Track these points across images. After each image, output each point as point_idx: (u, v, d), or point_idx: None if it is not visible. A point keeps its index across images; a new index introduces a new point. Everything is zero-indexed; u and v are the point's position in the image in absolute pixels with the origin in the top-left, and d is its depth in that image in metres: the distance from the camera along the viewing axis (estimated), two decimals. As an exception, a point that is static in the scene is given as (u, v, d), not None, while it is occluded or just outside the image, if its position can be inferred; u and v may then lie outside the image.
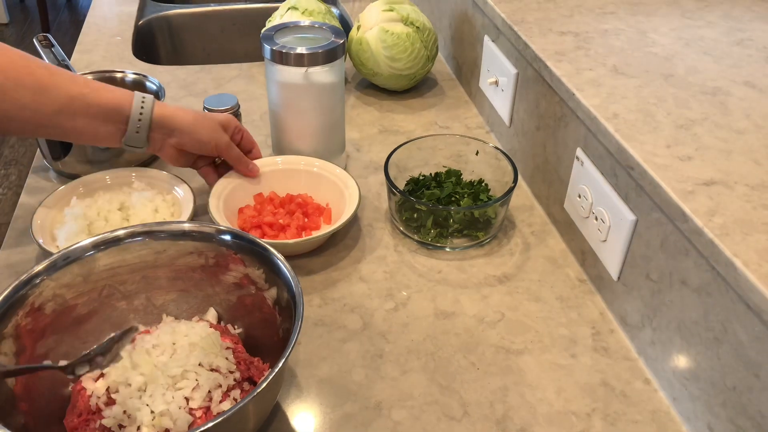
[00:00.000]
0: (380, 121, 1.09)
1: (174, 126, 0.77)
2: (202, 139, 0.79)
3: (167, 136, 0.78)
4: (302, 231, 0.82)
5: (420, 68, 1.12)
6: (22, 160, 2.69)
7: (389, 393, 0.66)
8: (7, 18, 3.77)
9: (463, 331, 0.72)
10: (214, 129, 0.80)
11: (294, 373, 0.67)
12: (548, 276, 0.80)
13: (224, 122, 0.82)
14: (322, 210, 0.85)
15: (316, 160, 0.88)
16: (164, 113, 0.76)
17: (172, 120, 0.77)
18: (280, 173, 0.88)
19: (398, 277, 0.79)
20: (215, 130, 0.80)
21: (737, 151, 0.66)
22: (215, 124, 0.80)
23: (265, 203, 0.85)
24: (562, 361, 0.69)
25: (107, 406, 0.58)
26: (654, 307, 0.66)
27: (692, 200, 0.59)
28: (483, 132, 1.07)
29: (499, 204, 0.82)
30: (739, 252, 0.53)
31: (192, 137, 0.78)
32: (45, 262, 0.61)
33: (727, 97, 0.75)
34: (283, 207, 0.84)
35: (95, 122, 0.73)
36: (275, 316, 0.64)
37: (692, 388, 0.61)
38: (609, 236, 0.73)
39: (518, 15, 0.94)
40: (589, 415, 0.64)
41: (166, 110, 0.76)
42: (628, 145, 0.67)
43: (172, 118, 0.77)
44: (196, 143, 0.79)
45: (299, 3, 1.16)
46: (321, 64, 0.85)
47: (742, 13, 0.95)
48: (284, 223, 0.82)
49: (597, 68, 0.80)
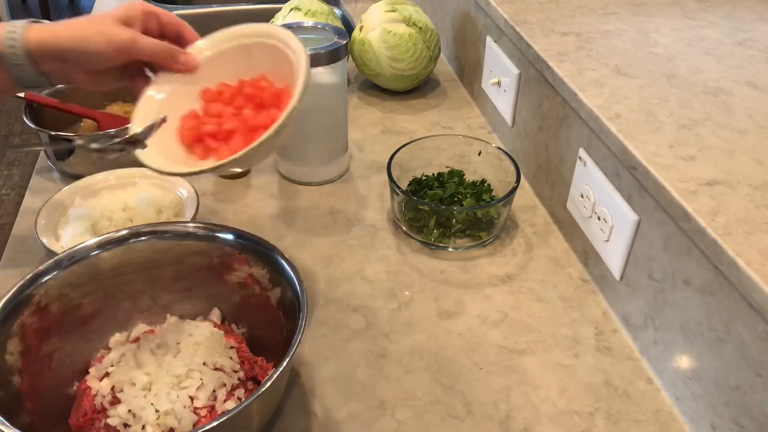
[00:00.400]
0: (383, 122, 1.09)
1: (58, 48, 0.62)
2: (94, 50, 0.62)
3: (60, 62, 0.63)
4: (254, 133, 0.62)
5: (422, 69, 1.12)
6: (24, 161, 2.70)
7: (393, 392, 0.66)
8: (8, 18, 3.78)
9: (466, 331, 0.73)
10: (106, 31, 0.62)
11: (298, 372, 0.68)
12: (551, 276, 0.80)
13: (124, 15, 0.64)
14: (282, 95, 0.64)
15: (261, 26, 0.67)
16: (42, 38, 0.61)
17: (53, 43, 0.61)
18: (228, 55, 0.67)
19: (401, 277, 0.79)
20: (109, 32, 0.62)
21: (740, 151, 0.66)
22: (109, 23, 0.63)
23: (213, 101, 0.66)
24: (565, 360, 0.69)
25: (112, 406, 0.59)
26: (657, 307, 0.67)
27: (695, 200, 0.59)
28: (485, 132, 1.07)
29: (502, 204, 0.82)
30: (741, 252, 0.54)
31: (81, 53, 0.62)
32: (50, 262, 0.61)
33: (729, 98, 0.75)
34: (233, 102, 0.65)
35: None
36: (279, 316, 0.64)
37: (695, 388, 0.62)
38: (612, 236, 0.73)
39: (521, 15, 0.94)
40: (592, 415, 0.64)
41: (45, 33, 0.61)
42: (630, 146, 0.67)
43: (54, 41, 0.61)
44: (90, 58, 0.62)
45: (302, 4, 1.17)
46: (324, 65, 0.85)
47: (744, 13, 0.95)
48: (230, 128, 0.63)
49: (599, 69, 0.81)
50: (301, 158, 0.93)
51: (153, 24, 0.66)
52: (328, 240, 0.85)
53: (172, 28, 0.67)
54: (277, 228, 0.87)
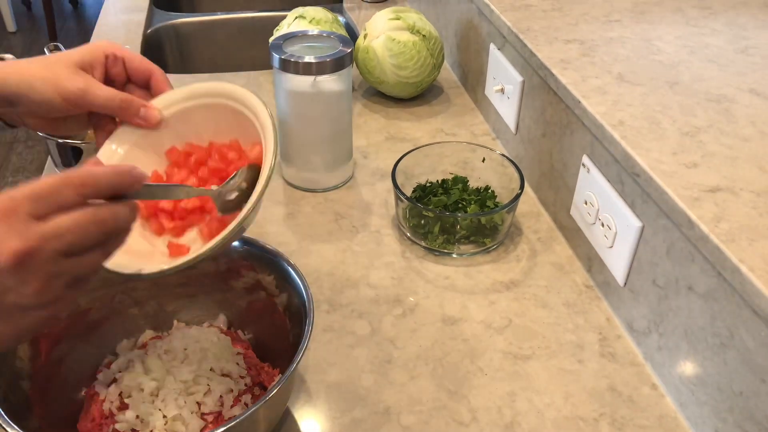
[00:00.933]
0: (387, 129, 1.10)
1: (9, 91, 0.55)
2: (40, 98, 0.55)
3: (9, 105, 0.57)
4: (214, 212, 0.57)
5: (426, 76, 1.13)
6: (29, 168, 2.71)
7: (398, 398, 0.66)
8: (14, 26, 3.80)
9: (470, 337, 0.73)
10: (56, 79, 0.55)
11: (303, 378, 0.68)
12: (555, 282, 0.80)
13: (82, 58, 0.57)
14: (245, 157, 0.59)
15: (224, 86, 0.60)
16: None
17: (4, 85, 0.55)
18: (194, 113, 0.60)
19: (406, 283, 0.80)
20: (58, 79, 0.55)
21: (743, 158, 0.66)
22: (62, 69, 0.56)
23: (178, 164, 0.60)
24: (570, 366, 0.70)
25: (120, 411, 0.59)
26: (660, 313, 0.67)
27: (698, 207, 0.60)
28: (489, 139, 1.08)
29: (506, 211, 0.83)
30: (745, 258, 0.54)
31: (27, 99, 0.55)
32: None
33: (732, 105, 0.75)
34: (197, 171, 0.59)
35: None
36: (285, 322, 0.65)
37: (699, 394, 0.62)
38: (615, 242, 0.73)
39: (524, 23, 0.95)
40: (596, 420, 0.64)
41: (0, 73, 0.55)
42: (634, 152, 0.67)
43: (4, 82, 0.55)
44: (37, 106, 0.56)
45: (307, 12, 1.17)
46: (329, 73, 0.86)
47: (746, 20, 0.96)
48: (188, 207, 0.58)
49: (603, 76, 0.81)
50: (306, 165, 0.93)
51: (118, 69, 0.59)
52: (333, 246, 0.85)
53: (140, 75, 0.59)
54: (282, 234, 0.87)
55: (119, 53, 0.58)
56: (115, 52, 0.58)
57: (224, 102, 0.59)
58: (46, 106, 0.56)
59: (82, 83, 0.56)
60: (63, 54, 0.57)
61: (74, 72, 0.56)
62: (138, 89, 0.60)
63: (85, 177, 0.43)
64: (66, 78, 0.55)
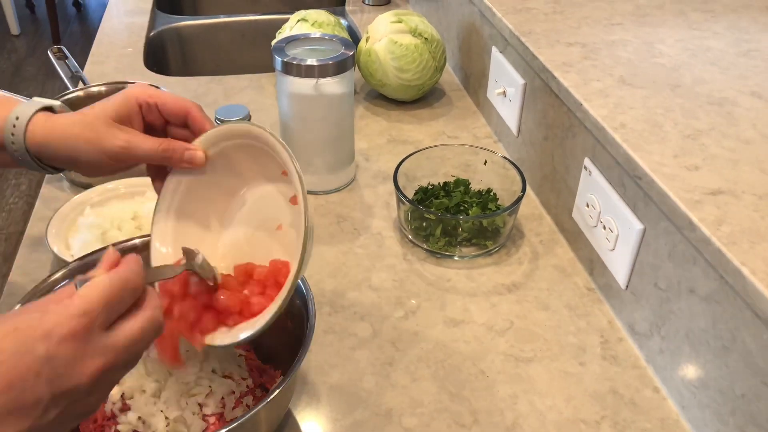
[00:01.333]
0: (389, 131, 1.10)
1: (60, 156, 0.56)
2: (87, 160, 0.56)
3: (62, 167, 0.59)
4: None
5: (428, 79, 1.13)
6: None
7: (399, 400, 0.66)
8: (18, 29, 3.81)
9: (472, 339, 0.73)
10: (98, 140, 0.55)
11: (305, 380, 0.68)
12: (557, 285, 0.80)
13: (118, 111, 0.57)
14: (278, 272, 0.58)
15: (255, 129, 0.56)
16: (39, 145, 0.56)
17: (50, 152, 0.56)
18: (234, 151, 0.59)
19: (407, 286, 0.80)
20: (101, 141, 0.55)
21: (744, 161, 0.66)
22: (101, 127, 0.55)
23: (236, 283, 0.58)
24: (571, 369, 0.70)
25: (122, 413, 0.59)
26: (662, 316, 0.67)
27: (700, 209, 0.60)
28: (491, 142, 1.08)
29: (508, 213, 0.83)
30: (746, 261, 0.54)
31: (81, 161, 0.56)
32: (62, 270, 0.62)
33: (733, 108, 0.75)
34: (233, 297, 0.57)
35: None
36: (287, 324, 0.65)
37: (701, 396, 0.62)
38: (617, 245, 0.73)
39: (526, 26, 0.95)
40: (598, 423, 0.64)
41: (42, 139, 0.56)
42: (635, 155, 0.67)
43: (50, 151, 0.56)
44: (88, 167, 0.57)
45: (309, 15, 1.18)
46: (331, 76, 0.86)
47: (748, 24, 0.96)
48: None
49: (604, 79, 0.81)
50: (308, 167, 0.93)
51: (153, 115, 0.58)
52: (334, 248, 0.85)
53: (176, 115, 0.58)
54: (284, 237, 0.87)
55: (152, 100, 0.57)
56: (147, 100, 0.57)
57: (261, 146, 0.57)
58: (94, 165, 0.57)
59: (123, 141, 0.55)
60: (99, 109, 0.56)
61: (114, 128, 0.56)
62: (178, 129, 0.59)
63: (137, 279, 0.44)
64: (108, 137, 0.55)
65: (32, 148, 0.56)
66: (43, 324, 0.39)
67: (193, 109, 0.58)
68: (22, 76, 3.38)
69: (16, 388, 0.38)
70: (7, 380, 0.38)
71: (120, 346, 0.42)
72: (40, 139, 0.56)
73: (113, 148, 0.55)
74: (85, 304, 0.40)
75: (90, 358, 0.40)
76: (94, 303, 0.41)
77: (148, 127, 0.58)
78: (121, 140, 0.55)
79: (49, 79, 3.33)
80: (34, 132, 0.55)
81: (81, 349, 0.40)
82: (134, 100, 0.57)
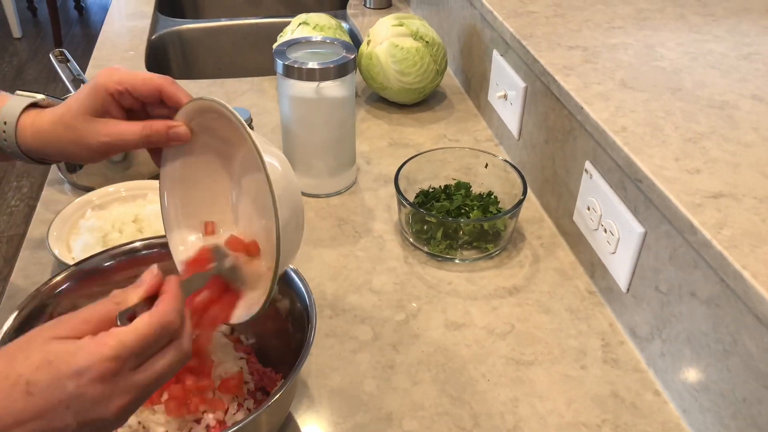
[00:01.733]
0: (390, 134, 1.10)
1: (44, 153, 0.58)
2: (79, 158, 0.57)
3: (51, 158, 0.60)
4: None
5: (429, 82, 1.13)
6: (33, 173, 2.72)
7: (400, 404, 0.66)
8: (19, 32, 3.82)
9: (473, 343, 0.73)
10: (82, 140, 0.56)
11: (306, 383, 0.68)
12: (558, 288, 0.80)
13: (93, 105, 0.56)
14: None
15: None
16: (29, 143, 0.57)
17: (38, 149, 0.58)
18: (215, 122, 0.57)
19: (408, 289, 0.80)
20: (84, 140, 0.56)
21: (745, 164, 0.66)
22: (80, 126, 0.56)
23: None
24: (572, 372, 0.70)
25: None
26: (663, 319, 0.67)
27: (701, 213, 0.60)
28: (492, 145, 1.08)
29: (509, 216, 0.83)
30: (747, 264, 0.54)
31: (71, 159, 0.59)
32: (63, 273, 0.62)
33: (734, 111, 0.75)
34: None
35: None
36: (288, 327, 0.65)
37: (702, 400, 0.62)
38: (618, 248, 0.73)
39: (527, 30, 0.95)
40: (599, 426, 0.64)
41: (33, 142, 0.57)
42: (636, 159, 0.67)
43: (38, 146, 0.57)
44: (80, 162, 0.61)
45: (310, 18, 1.18)
46: (332, 79, 0.86)
47: (748, 27, 0.96)
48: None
49: (605, 82, 0.81)
50: (309, 170, 0.94)
51: (128, 100, 0.56)
52: (335, 251, 0.85)
53: (150, 95, 0.57)
54: (285, 240, 0.87)
55: (121, 87, 0.55)
56: (117, 87, 0.55)
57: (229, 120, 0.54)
58: (86, 159, 0.58)
59: (105, 136, 0.56)
60: (75, 106, 0.56)
61: (94, 123, 0.56)
62: (157, 107, 0.58)
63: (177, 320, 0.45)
64: (90, 135, 0.55)
65: (24, 149, 0.58)
66: (76, 362, 0.40)
67: (164, 85, 0.56)
68: (23, 79, 3.38)
69: (47, 418, 0.40)
70: (39, 410, 0.40)
71: (148, 384, 0.43)
72: (30, 141, 0.57)
73: (97, 144, 0.56)
74: (119, 348, 0.41)
75: (118, 396, 0.42)
76: (128, 348, 0.42)
77: (128, 111, 0.58)
78: (103, 135, 0.55)
79: (50, 83, 3.33)
80: (23, 134, 0.57)
81: (109, 389, 0.41)
82: (104, 91, 0.55)
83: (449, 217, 0.86)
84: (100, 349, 0.41)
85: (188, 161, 0.59)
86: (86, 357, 0.40)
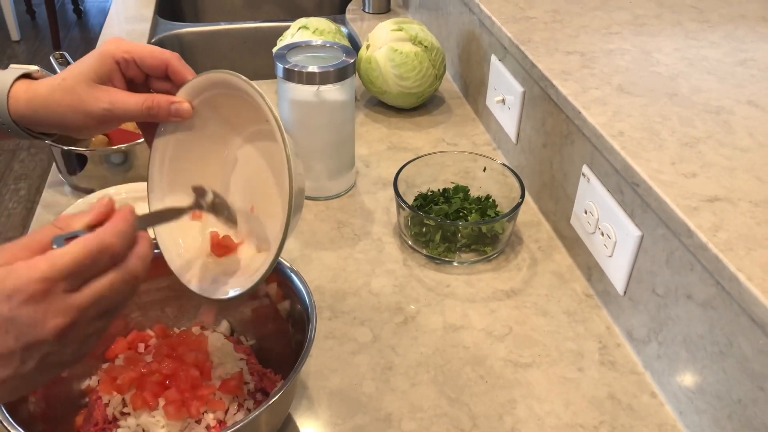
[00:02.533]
0: (389, 138, 1.11)
1: (45, 124, 0.58)
2: (75, 126, 0.56)
3: (44, 128, 0.59)
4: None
5: (428, 86, 1.14)
6: (32, 175, 2.72)
7: (399, 405, 0.67)
8: (18, 35, 3.82)
9: (471, 345, 0.73)
10: (81, 105, 0.55)
11: (305, 384, 0.68)
12: (555, 291, 0.81)
13: (97, 71, 0.55)
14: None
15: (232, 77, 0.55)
16: (23, 115, 0.56)
17: (35, 122, 0.57)
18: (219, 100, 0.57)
19: (407, 291, 0.80)
20: (83, 105, 0.55)
21: (741, 169, 0.67)
22: (82, 91, 0.55)
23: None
24: (570, 374, 0.70)
25: (123, 417, 0.59)
26: (660, 322, 0.67)
27: (697, 216, 0.60)
28: (490, 149, 1.09)
29: (507, 220, 0.83)
30: (743, 267, 0.55)
31: (66, 127, 0.57)
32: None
33: (730, 116, 0.76)
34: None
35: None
36: (288, 329, 0.65)
37: (698, 402, 0.62)
38: (615, 252, 0.74)
39: (525, 35, 0.96)
40: (596, 428, 0.65)
41: (25, 110, 0.56)
42: (633, 163, 0.68)
43: (35, 120, 0.57)
44: (76, 132, 0.58)
45: (310, 23, 1.19)
46: (332, 83, 0.87)
47: (744, 33, 0.97)
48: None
49: (603, 87, 0.82)
50: (309, 173, 0.94)
51: (133, 70, 0.56)
52: (335, 254, 0.86)
53: (156, 68, 0.57)
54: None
55: (128, 56, 0.56)
56: (124, 56, 0.56)
57: (242, 96, 0.55)
58: (81, 128, 0.57)
59: (106, 103, 0.55)
60: (78, 71, 0.55)
61: (96, 90, 0.55)
62: (160, 81, 0.58)
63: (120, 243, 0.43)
64: (90, 101, 0.55)
65: (17, 118, 0.56)
66: (6, 285, 0.39)
67: (172, 60, 0.56)
68: (22, 82, 3.38)
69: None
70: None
71: (87, 305, 0.42)
72: (23, 110, 0.56)
73: (97, 111, 0.55)
74: (48, 270, 0.40)
75: (52, 318, 0.40)
76: (58, 270, 0.40)
77: (129, 82, 0.57)
78: (104, 102, 0.55)
79: (49, 85, 3.33)
80: (16, 103, 0.56)
81: (42, 310, 0.40)
82: (111, 58, 0.55)
83: (448, 220, 0.87)
84: (29, 272, 0.40)
85: (182, 138, 0.59)
86: (15, 280, 0.39)
